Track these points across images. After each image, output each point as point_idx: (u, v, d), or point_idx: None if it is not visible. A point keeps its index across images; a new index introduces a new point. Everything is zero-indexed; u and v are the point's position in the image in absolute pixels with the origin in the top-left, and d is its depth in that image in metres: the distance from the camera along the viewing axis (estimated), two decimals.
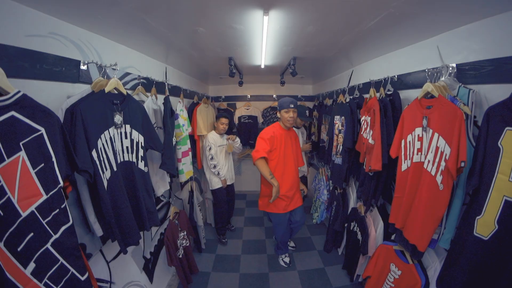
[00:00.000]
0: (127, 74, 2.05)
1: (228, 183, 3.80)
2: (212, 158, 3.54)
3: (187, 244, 2.82)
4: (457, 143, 1.33)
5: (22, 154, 1.00)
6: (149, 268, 2.45)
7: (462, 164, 1.30)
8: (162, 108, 2.35)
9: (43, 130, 1.06)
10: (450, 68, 1.58)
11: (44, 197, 1.07)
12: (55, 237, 1.10)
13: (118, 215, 1.54)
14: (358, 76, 3.03)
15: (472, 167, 1.33)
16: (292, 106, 2.77)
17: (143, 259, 2.37)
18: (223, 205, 3.76)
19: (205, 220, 4.23)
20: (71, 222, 1.17)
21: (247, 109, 5.25)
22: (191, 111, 3.49)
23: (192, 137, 3.40)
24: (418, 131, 1.65)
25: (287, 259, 3.30)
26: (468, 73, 1.50)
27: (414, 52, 2.04)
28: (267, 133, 2.82)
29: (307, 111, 4.26)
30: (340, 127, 2.91)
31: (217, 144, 3.65)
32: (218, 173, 3.58)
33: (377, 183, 2.21)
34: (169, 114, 2.29)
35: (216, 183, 3.65)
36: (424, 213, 1.56)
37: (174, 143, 2.43)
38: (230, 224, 4.21)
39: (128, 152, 1.68)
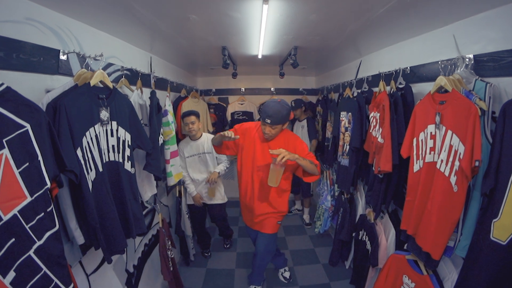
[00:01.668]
0: (110, 65, 2.10)
1: (208, 201, 3.57)
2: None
3: (172, 256, 2.88)
4: (471, 141, 1.40)
5: (6, 152, 1.04)
6: (132, 283, 2.50)
7: (477, 164, 1.37)
8: (149, 103, 2.40)
9: (28, 126, 1.11)
10: (467, 60, 1.63)
11: (28, 199, 1.11)
12: (38, 243, 1.14)
13: (103, 220, 1.59)
14: (367, 67, 3.10)
15: (488, 166, 1.39)
16: (268, 121, 2.35)
17: (125, 273, 2.41)
18: (197, 227, 3.71)
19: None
20: (57, 227, 1.22)
21: (241, 104, 5.27)
22: (176, 106, 3.50)
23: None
24: (431, 128, 1.73)
25: (287, 274, 3.36)
26: (486, 64, 1.54)
27: (428, 41, 2.10)
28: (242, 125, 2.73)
29: (302, 105, 4.39)
30: (346, 125, 2.97)
31: (186, 155, 3.38)
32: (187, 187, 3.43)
33: (387, 186, 2.28)
34: (156, 110, 2.34)
35: (189, 198, 3.54)
36: (438, 217, 1.63)
37: (161, 142, 2.48)
38: (227, 241, 4.21)
39: (114, 152, 1.74)
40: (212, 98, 5.28)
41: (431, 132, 1.73)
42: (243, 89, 5.44)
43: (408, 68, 2.22)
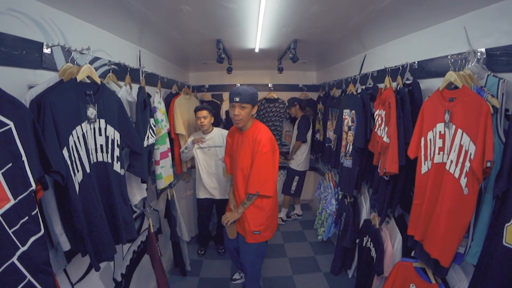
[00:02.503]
0: (96, 59, 2.10)
1: (216, 196, 3.80)
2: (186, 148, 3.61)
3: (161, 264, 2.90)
4: (483, 140, 1.41)
5: None
6: None
7: (488, 164, 1.38)
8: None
9: (11, 124, 1.12)
10: (478, 54, 1.64)
11: (12, 202, 1.12)
12: (22, 249, 1.15)
13: (91, 224, 1.60)
14: (372, 61, 3.12)
15: (500, 167, 1.41)
16: (237, 99, 2.52)
17: (113, 282, 2.42)
18: (203, 223, 4.09)
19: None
20: (42, 232, 1.23)
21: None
22: (168, 104, 3.51)
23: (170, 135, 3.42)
24: (440, 127, 1.74)
25: None
26: (499, 59, 1.55)
27: (437, 34, 2.12)
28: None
29: (296, 103, 4.41)
30: (350, 123, 2.99)
31: (196, 146, 3.67)
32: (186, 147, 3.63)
33: (393, 189, 2.30)
34: (141, 107, 2.33)
35: (198, 191, 3.89)
36: (447, 221, 1.64)
37: (151, 142, 2.49)
38: (221, 246, 4.25)
39: (102, 152, 1.75)
40: (205, 94, 5.29)
41: (440, 131, 1.75)
42: (239, 85, 5.39)
43: (416, 62, 2.24)
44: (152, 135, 2.54)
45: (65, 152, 1.45)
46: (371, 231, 2.68)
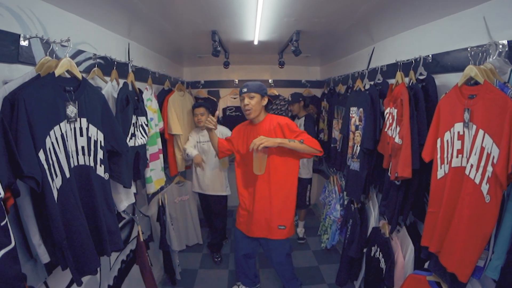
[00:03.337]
0: (80, 52, 2.06)
1: (206, 191, 4.10)
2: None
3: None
4: (507, 142, 1.36)
5: None
6: None
7: None
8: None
9: None
10: (500, 46, 1.59)
11: None
12: None
13: (72, 235, 1.56)
14: (381, 55, 3.07)
15: None
16: (244, 90, 2.73)
17: None
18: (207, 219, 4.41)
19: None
20: (13, 244, 1.18)
21: (235, 98, 5.23)
22: (161, 101, 3.50)
23: (162, 136, 3.43)
24: (458, 127, 1.69)
25: None
26: None
27: (453, 25, 2.07)
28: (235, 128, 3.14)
29: (300, 99, 4.33)
30: (357, 122, 2.95)
31: (197, 140, 4.01)
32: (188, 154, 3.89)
33: (406, 194, 2.24)
34: (122, 105, 2.26)
35: (195, 185, 4.20)
36: (467, 232, 1.59)
37: (138, 143, 2.44)
38: (217, 254, 4.26)
39: (84, 154, 1.70)
40: (201, 91, 5.27)
41: (458, 132, 1.69)
42: (237, 81, 5.42)
43: (430, 56, 2.20)
44: (142, 135, 2.51)
45: (41, 155, 1.39)
46: (380, 240, 2.63)
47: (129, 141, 2.30)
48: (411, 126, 2.05)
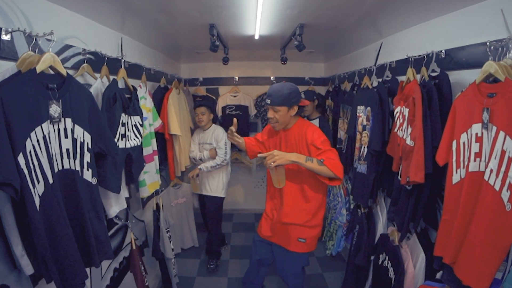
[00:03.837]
0: (68, 47, 2.02)
1: (203, 192, 4.17)
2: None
3: (147, 284, 2.82)
4: None
5: None
6: None
7: None
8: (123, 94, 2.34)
9: None
10: None
11: None
12: None
13: (56, 245, 1.51)
14: (390, 50, 3.04)
15: None
16: (268, 101, 2.55)
17: None
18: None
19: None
20: None
21: (234, 96, 5.25)
22: (159, 99, 3.49)
23: (161, 136, 3.44)
24: (476, 128, 1.64)
25: None
26: None
27: (468, 18, 2.02)
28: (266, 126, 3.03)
29: (315, 98, 4.23)
30: (364, 122, 2.92)
31: (197, 141, 4.14)
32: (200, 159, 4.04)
33: (417, 200, 2.20)
34: (109, 104, 2.19)
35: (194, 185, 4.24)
36: (485, 242, 1.54)
37: (130, 145, 2.41)
38: (212, 261, 4.20)
39: (69, 157, 1.66)
40: (199, 89, 5.27)
41: (476, 133, 1.64)
42: (237, 78, 5.44)
43: (443, 51, 2.14)
44: (136, 136, 2.47)
45: (20, 159, 1.34)
46: (389, 248, 2.57)
47: (118, 142, 2.25)
48: (424, 127, 2.00)
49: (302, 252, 2.76)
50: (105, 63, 2.33)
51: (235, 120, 2.77)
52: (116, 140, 2.22)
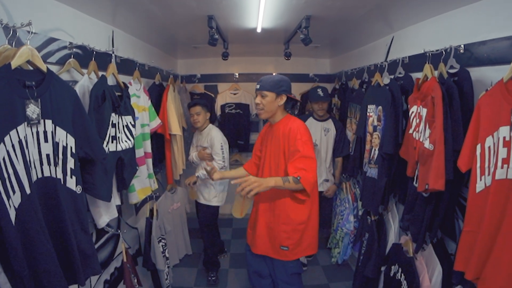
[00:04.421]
0: (52, 40, 1.95)
1: (198, 199, 4.02)
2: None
3: None
4: None
5: None
6: None
7: None
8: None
9: None
10: None
11: None
12: None
13: (35, 262, 1.45)
14: (402, 45, 3.00)
15: None
16: (257, 87, 2.65)
17: None
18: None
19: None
20: None
21: (234, 94, 5.26)
22: (156, 97, 3.48)
23: (157, 137, 3.39)
24: (504, 131, 1.57)
25: None
26: None
27: (490, 9, 1.97)
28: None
29: (319, 90, 4.01)
30: (375, 122, 2.88)
31: (195, 144, 4.00)
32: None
33: (435, 208, 2.14)
34: (97, 103, 2.12)
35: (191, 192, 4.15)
36: None
37: (122, 148, 2.34)
38: (212, 273, 4.11)
39: (49, 164, 1.60)
40: (197, 86, 5.28)
41: (504, 137, 1.57)
42: (237, 74, 5.44)
43: (462, 46, 2.08)
44: (128, 138, 2.41)
45: None
46: (403, 260, 2.52)
47: (108, 145, 2.19)
48: (445, 129, 1.95)
49: (288, 260, 2.69)
50: (93, 58, 2.27)
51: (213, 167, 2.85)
52: (106, 142, 2.16)
